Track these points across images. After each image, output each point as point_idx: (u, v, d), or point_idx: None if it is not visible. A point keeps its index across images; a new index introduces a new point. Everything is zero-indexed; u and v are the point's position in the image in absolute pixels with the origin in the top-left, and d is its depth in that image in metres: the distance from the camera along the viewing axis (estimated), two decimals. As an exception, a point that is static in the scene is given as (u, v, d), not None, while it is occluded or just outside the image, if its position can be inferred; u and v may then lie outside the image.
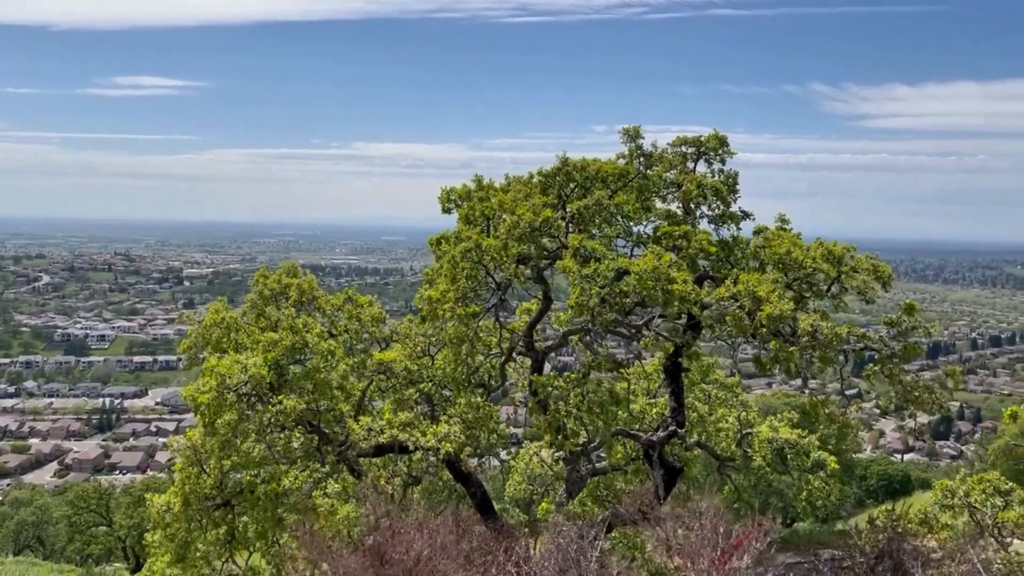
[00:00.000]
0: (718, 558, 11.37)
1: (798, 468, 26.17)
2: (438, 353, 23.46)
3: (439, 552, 13.40)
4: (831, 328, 16.33)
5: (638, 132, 20.25)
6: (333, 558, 14.28)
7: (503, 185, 20.50)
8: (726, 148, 20.26)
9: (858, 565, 15.07)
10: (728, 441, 26.33)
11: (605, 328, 19.53)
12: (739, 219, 20.05)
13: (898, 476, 76.86)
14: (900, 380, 17.65)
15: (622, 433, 20.94)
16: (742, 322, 16.20)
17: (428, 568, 13.44)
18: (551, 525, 16.35)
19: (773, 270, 18.05)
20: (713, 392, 28.45)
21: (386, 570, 13.46)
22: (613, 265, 16.74)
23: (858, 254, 18.10)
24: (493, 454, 32.11)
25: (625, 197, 20.47)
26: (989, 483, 22.80)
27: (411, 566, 12.89)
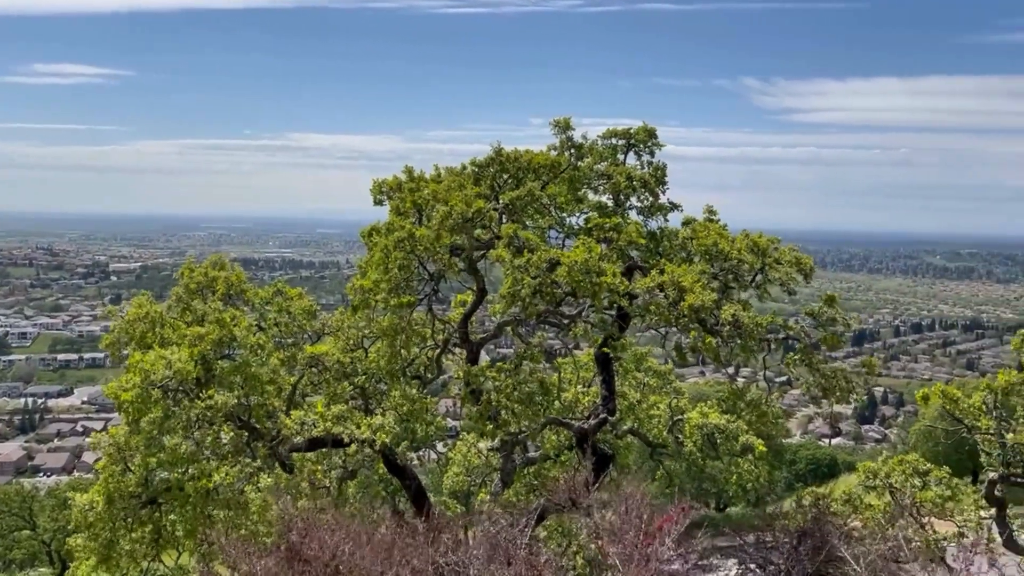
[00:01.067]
0: (641, 541, 11.62)
1: (728, 452, 26.86)
2: (372, 346, 23.31)
3: (359, 547, 13.33)
4: (752, 317, 16.79)
5: (568, 123, 20.43)
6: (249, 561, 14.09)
7: (435, 176, 20.45)
8: (655, 140, 20.59)
9: (782, 545, 15.58)
10: (660, 428, 26.83)
11: (538, 318, 19.71)
12: (668, 210, 20.41)
13: (826, 460, 79.50)
14: (819, 369, 18.25)
15: (554, 422, 21.18)
16: (666, 312, 16.53)
17: (347, 564, 13.37)
18: (483, 515, 16.44)
19: (700, 261, 18.44)
20: (646, 380, 28.95)
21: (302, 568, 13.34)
22: (546, 256, 16.90)
23: (782, 246, 18.62)
24: (430, 446, 32.06)
25: (557, 188, 20.65)
26: (909, 464, 23.77)
27: (328, 561, 12.81)
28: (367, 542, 14.11)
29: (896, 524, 22.49)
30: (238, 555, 13.78)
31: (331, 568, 13.05)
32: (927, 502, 22.41)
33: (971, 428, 21.34)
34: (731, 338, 16.86)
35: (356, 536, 14.20)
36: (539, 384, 19.75)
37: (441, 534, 15.28)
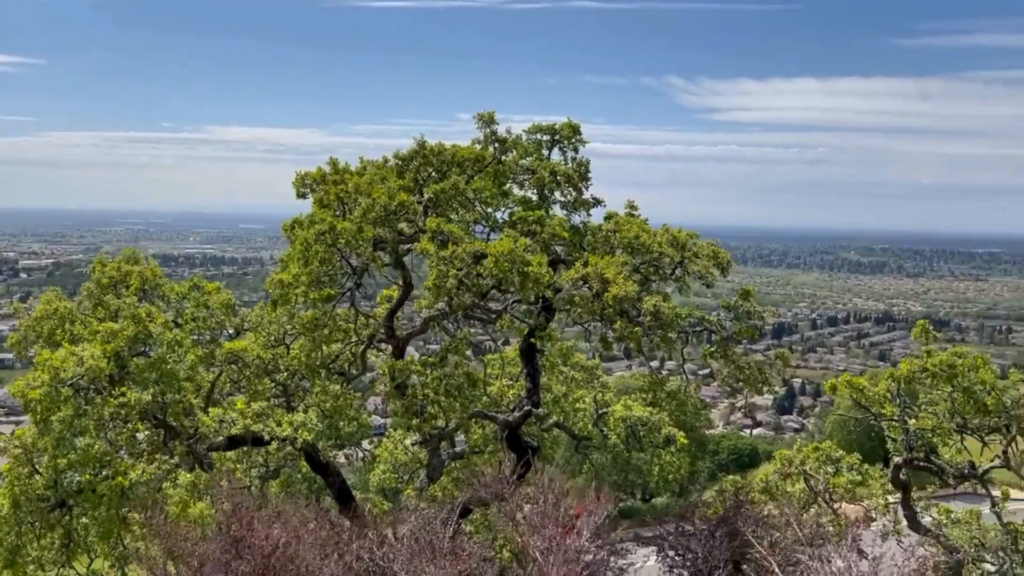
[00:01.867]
0: (560, 532, 11.79)
1: (650, 444, 27.39)
2: (294, 342, 22.94)
3: (296, 540, 13.25)
4: (672, 309, 17.19)
5: (492, 118, 20.48)
6: (189, 548, 13.88)
7: (358, 168, 20.24)
8: (579, 136, 20.82)
9: (700, 532, 16.00)
10: (586, 421, 27.18)
11: (464, 312, 19.73)
12: (591, 205, 20.67)
13: (747, 450, 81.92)
14: (734, 361, 18.79)
15: (479, 415, 21.25)
16: (590, 303, 16.78)
17: (286, 555, 13.31)
18: (409, 510, 16.41)
19: (622, 254, 18.76)
20: (572, 374, 29.28)
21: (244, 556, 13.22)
22: (471, 248, 16.92)
23: (700, 240, 19.09)
24: (356, 444, 31.76)
25: (482, 182, 20.68)
26: (822, 452, 24.67)
27: (268, 552, 12.70)
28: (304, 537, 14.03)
29: (810, 509, 23.39)
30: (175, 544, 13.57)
31: (271, 559, 12.94)
32: (839, 487, 23.33)
33: (877, 415, 22.28)
34: (652, 329, 17.22)
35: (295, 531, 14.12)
36: (466, 377, 19.77)
37: (366, 531, 15.24)
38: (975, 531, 22.88)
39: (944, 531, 22.73)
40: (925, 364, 21.30)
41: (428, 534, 12.91)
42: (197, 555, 12.89)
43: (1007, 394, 20.60)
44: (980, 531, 22.71)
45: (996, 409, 20.57)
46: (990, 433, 21.64)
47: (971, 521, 23.04)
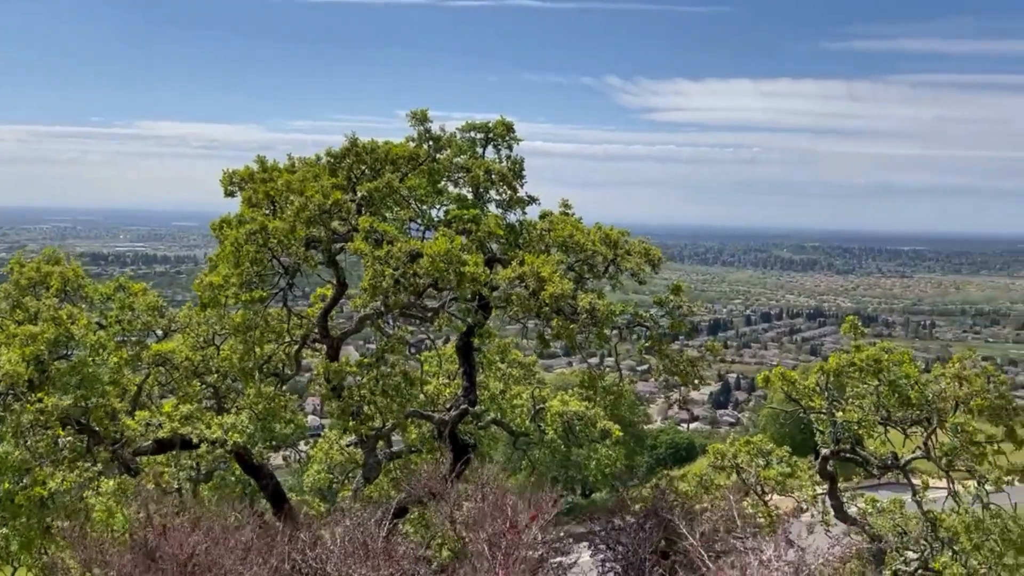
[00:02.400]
0: (507, 529, 11.81)
1: (587, 438, 27.66)
2: (224, 343, 22.45)
3: (216, 546, 12.95)
4: (606, 306, 17.36)
5: (425, 115, 20.36)
6: (105, 562, 13.45)
7: (288, 166, 19.89)
8: (512, 135, 20.85)
9: (630, 525, 16.22)
10: (523, 417, 27.30)
11: (400, 311, 19.58)
12: (526, 203, 20.72)
13: (684, 444, 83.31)
14: (667, 355, 19.10)
15: (416, 415, 21.13)
16: (527, 301, 16.84)
17: (205, 562, 13.01)
18: (343, 511, 16.22)
19: (557, 252, 18.86)
20: (510, 371, 29.37)
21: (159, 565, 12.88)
22: (406, 247, 16.78)
23: (632, 238, 19.32)
24: (292, 445, 31.30)
25: (417, 180, 20.53)
26: (753, 445, 25.23)
27: (184, 560, 12.38)
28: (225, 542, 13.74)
29: (741, 501, 23.91)
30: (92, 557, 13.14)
31: (189, 568, 12.64)
32: (770, 480, 23.89)
33: (806, 408, 22.88)
34: (588, 326, 17.38)
35: (215, 536, 13.81)
36: (402, 376, 19.63)
37: (299, 532, 15.01)
38: (898, 520, 23.70)
39: (869, 520, 23.48)
40: (853, 359, 21.94)
41: (361, 535, 12.77)
42: (110, 566, 12.47)
43: (929, 388, 21.35)
44: (903, 520, 23.53)
45: (919, 402, 21.30)
46: (912, 425, 22.39)
47: (894, 510, 23.85)
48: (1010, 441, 20.47)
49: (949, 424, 20.45)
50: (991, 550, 20.98)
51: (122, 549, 13.98)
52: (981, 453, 20.16)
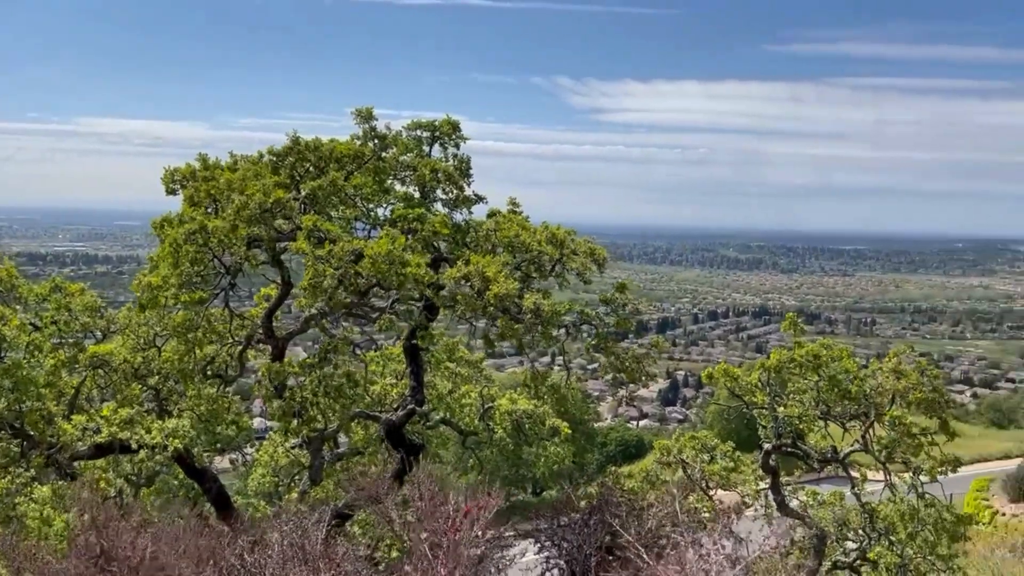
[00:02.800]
0: (448, 528, 11.81)
1: (536, 436, 27.77)
2: (165, 344, 21.99)
3: (165, 549, 12.73)
4: (552, 305, 17.46)
5: (371, 113, 20.23)
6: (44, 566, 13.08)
7: (230, 164, 19.57)
8: (459, 133, 20.82)
9: (574, 522, 16.35)
10: (471, 416, 27.29)
11: (346, 311, 19.41)
12: (472, 203, 20.70)
13: (633, 441, 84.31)
14: (614, 352, 19.29)
15: (362, 415, 20.99)
16: (472, 301, 16.84)
17: (155, 565, 12.79)
18: (287, 514, 16.02)
19: (504, 252, 18.89)
20: (458, 370, 29.34)
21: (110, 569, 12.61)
22: (349, 247, 16.63)
23: (578, 237, 19.45)
24: (237, 448, 30.82)
25: (363, 179, 20.37)
26: (698, 441, 25.62)
27: (136, 563, 12.15)
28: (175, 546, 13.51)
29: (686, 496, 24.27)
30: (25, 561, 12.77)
31: (139, 571, 12.38)
32: (714, 475, 24.31)
33: (749, 404, 23.33)
34: (533, 325, 17.45)
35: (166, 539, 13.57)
36: (346, 377, 19.46)
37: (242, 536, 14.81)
38: (838, 512, 24.32)
39: (810, 513, 24.05)
40: (793, 355, 22.43)
41: (300, 538, 12.66)
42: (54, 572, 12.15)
43: (867, 382, 21.94)
44: (843, 511, 24.16)
45: (857, 396, 21.88)
46: (851, 419, 22.98)
47: (834, 503, 24.48)
48: (943, 433, 21.15)
49: (886, 417, 21.04)
50: (925, 540, 21.67)
51: (62, 554, 13.63)
52: (917, 445, 20.79)
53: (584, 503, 17.90)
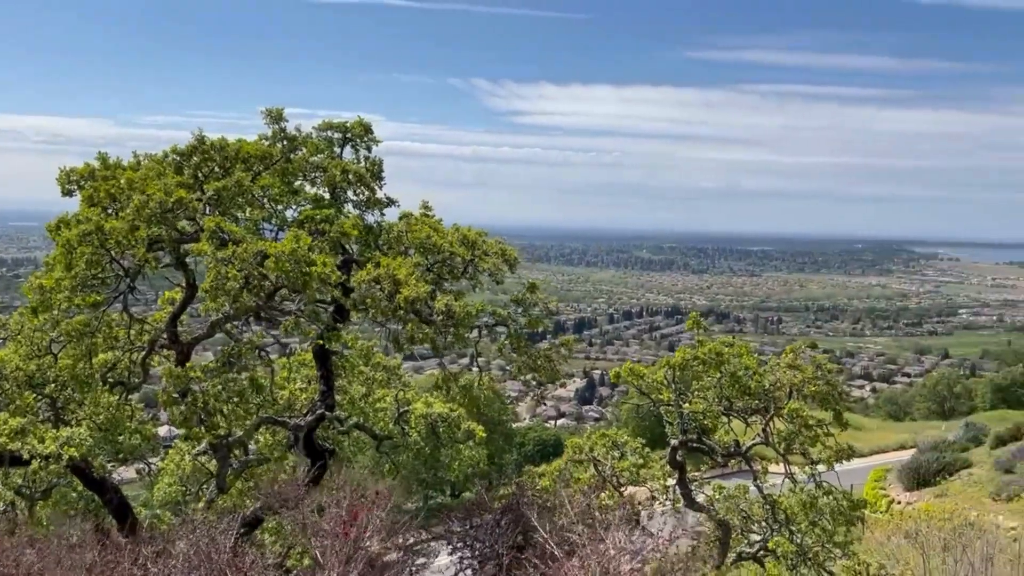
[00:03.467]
0: (341, 532, 11.75)
1: (450, 439, 27.78)
2: (61, 351, 21.07)
3: (53, 565, 12.20)
4: (463, 307, 17.54)
5: (280, 114, 19.91)
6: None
7: (132, 163, 18.93)
8: (371, 135, 20.69)
9: (487, 523, 16.48)
10: (386, 420, 27.09)
11: (255, 315, 19.01)
12: (384, 205, 20.60)
13: (551, 440, 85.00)
14: (526, 352, 19.51)
15: (268, 421, 20.60)
16: (382, 304, 16.76)
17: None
18: (193, 523, 15.61)
19: (415, 254, 18.87)
20: (373, 374, 29.09)
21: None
22: (254, 248, 16.30)
23: (489, 239, 19.60)
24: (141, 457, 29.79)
25: (271, 180, 20.02)
26: (608, 438, 26.11)
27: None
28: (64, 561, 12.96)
29: (598, 493, 24.71)
30: None
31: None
32: (624, 471, 24.83)
33: (656, 401, 23.93)
34: (445, 327, 17.48)
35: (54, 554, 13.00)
36: (250, 382, 19.03)
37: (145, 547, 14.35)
38: (743, 504, 25.16)
39: (716, 506, 24.82)
40: (697, 353, 23.13)
41: (206, 547, 12.36)
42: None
43: (766, 378, 22.80)
44: (747, 504, 25.01)
45: (757, 392, 22.71)
46: (753, 414, 23.84)
47: (739, 495, 25.32)
48: (837, 424, 22.17)
49: (785, 411, 21.92)
50: (824, 528, 22.66)
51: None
52: (813, 437, 21.71)
53: (497, 504, 18.03)
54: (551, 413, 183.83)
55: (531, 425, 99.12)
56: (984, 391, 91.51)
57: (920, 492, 46.01)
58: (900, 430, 78.19)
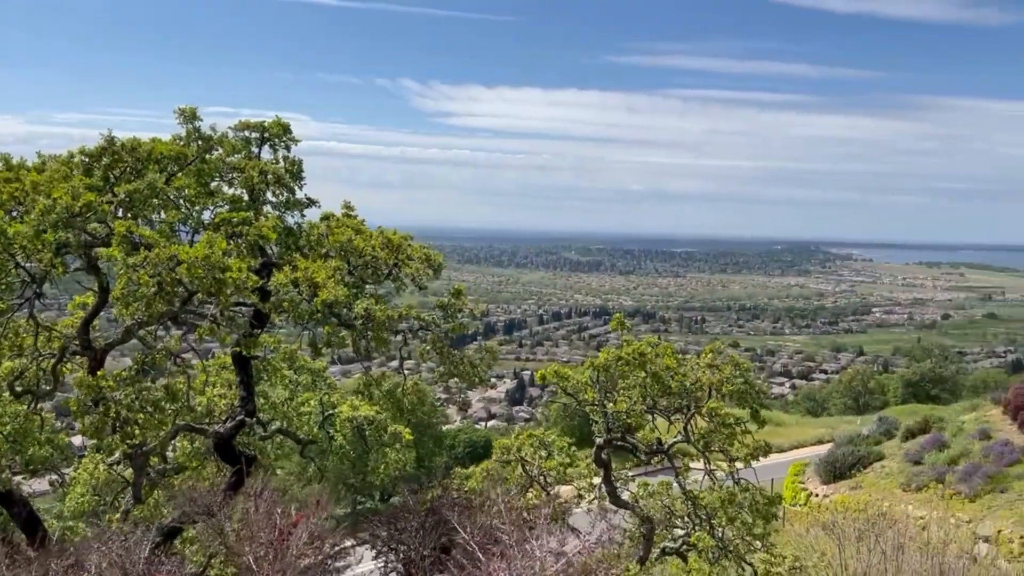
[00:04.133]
0: (275, 539, 11.57)
1: (377, 442, 27.55)
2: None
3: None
4: (384, 310, 17.43)
5: (194, 113, 19.40)
6: None
7: (37, 165, 18.19)
8: (290, 135, 20.33)
9: (410, 524, 16.44)
10: (311, 425, 26.71)
11: (173, 320, 18.51)
12: (304, 206, 20.27)
13: (481, 442, 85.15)
14: (448, 356, 19.50)
15: (186, 429, 20.08)
16: (300, 307, 16.53)
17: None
18: (105, 534, 15.12)
19: (335, 257, 18.64)
20: (297, 378, 28.64)
21: None
22: (167, 252, 15.84)
23: (414, 243, 19.51)
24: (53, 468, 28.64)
25: (186, 181, 19.52)
26: (535, 438, 26.35)
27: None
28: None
29: (525, 493, 24.89)
30: None
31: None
32: (551, 470, 25.09)
33: (580, 401, 24.24)
34: (365, 331, 17.34)
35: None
36: (164, 390, 18.51)
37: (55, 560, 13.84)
38: (666, 501, 25.71)
39: (640, 503, 25.29)
40: (621, 353, 23.51)
41: (122, 558, 12.00)
42: None
43: (687, 377, 23.33)
44: (670, 500, 25.56)
45: (679, 391, 23.22)
46: (675, 412, 24.36)
47: (663, 492, 25.85)
48: (755, 422, 22.86)
49: (704, 409, 22.48)
50: (743, 522, 23.33)
51: None
52: (731, 434, 22.33)
53: (423, 506, 17.99)
54: (481, 415, 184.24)
55: (461, 427, 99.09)
56: (896, 386, 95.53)
57: (837, 485, 47.66)
58: (818, 425, 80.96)
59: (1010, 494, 35.26)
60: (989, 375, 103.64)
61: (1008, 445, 39.52)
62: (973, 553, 30.14)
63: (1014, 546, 30.99)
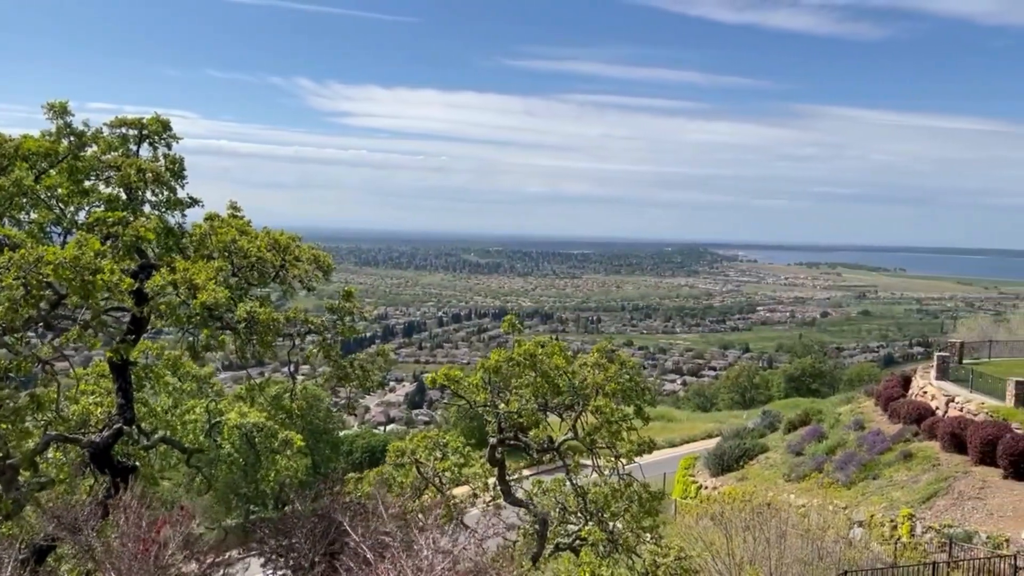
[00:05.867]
0: (140, 550, 11.16)
1: (267, 450, 26.92)
2: None
3: None
4: (268, 313, 17.04)
5: (65, 108, 18.48)
6: None
7: None
8: (170, 133, 19.66)
9: (299, 531, 16.18)
10: (196, 433, 25.84)
11: (42, 324, 17.55)
12: (186, 205, 19.63)
13: (380, 446, 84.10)
14: (336, 360, 19.23)
15: (58, 439, 19.08)
16: (178, 311, 15.98)
17: None
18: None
19: (219, 258, 18.11)
20: (182, 385, 27.66)
21: None
22: (33, 254, 15.02)
23: (303, 244, 19.15)
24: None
25: (58, 179, 18.58)
26: (430, 439, 26.33)
27: None
28: None
29: (420, 494, 24.82)
30: None
31: None
32: (446, 471, 25.12)
33: (471, 403, 24.40)
34: (248, 334, 16.89)
35: None
36: (30, 398, 17.54)
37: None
38: (559, 497, 26.16)
39: (535, 500, 25.64)
40: (512, 354, 23.80)
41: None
42: None
43: (576, 376, 23.83)
44: (563, 497, 26.02)
45: (567, 389, 23.69)
46: (566, 410, 24.84)
47: (556, 489, 26.29)
48: (639, 418, 23.56)
49: (591, 407, 23.02)
50: (632, 515, 24.00)
51: None
52: (616, 431, 22.93)
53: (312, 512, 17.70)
54: (381, 419, 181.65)
55: (359, 432, 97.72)
56: (779, 381, 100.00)
57: (725, 477, 49.42)
58: (708, 420, 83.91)
59: (881, 480, 37.45)
60: (864, 369, 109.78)
61: (879, 434, 41.93)
62: (848, 537, 31.94)
63: (885, 529, 32.96)
